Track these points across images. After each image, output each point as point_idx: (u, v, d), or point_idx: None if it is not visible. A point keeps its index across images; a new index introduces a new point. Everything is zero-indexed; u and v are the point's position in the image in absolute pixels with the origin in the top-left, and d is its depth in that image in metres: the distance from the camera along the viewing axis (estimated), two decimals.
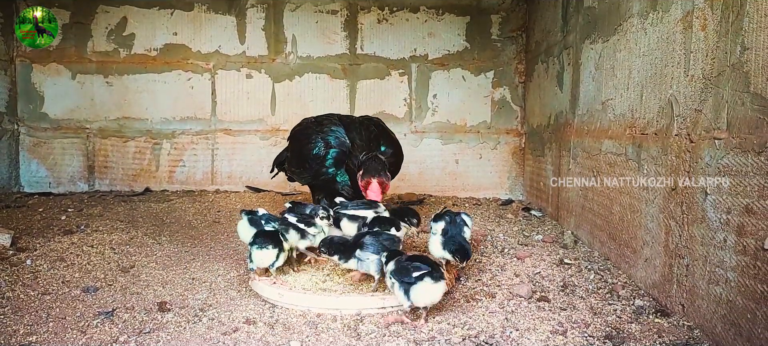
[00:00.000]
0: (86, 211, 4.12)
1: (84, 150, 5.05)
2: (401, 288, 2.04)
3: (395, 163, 3.36)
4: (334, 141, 3.23)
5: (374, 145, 3.25)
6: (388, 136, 3.41)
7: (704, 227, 1.94)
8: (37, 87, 4.98)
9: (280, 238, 2.37)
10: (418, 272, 2.01)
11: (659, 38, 2.32)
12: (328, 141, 3.24)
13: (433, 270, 2.04)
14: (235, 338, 1.96)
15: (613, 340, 1.94)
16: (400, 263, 2.10)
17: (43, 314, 2.16)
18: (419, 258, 2.12)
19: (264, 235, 2.36)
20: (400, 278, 2.05)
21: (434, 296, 2.06)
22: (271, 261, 2.32)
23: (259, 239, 2.33)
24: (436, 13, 5.03)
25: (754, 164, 1.69)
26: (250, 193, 5.00)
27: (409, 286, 2.02)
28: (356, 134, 3.25)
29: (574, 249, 3.15)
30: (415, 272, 2.02)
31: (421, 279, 2.01)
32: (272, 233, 2.40)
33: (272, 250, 2.31)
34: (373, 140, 3.27)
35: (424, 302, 2.05)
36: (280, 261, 2.36)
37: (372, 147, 3.21)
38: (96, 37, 4.98)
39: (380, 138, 3.33)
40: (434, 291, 2.04)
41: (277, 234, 2.39)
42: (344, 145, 3.20)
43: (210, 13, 5.01)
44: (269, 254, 2.31)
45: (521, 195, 5.05)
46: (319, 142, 3.25)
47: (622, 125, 2.73)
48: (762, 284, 1.64)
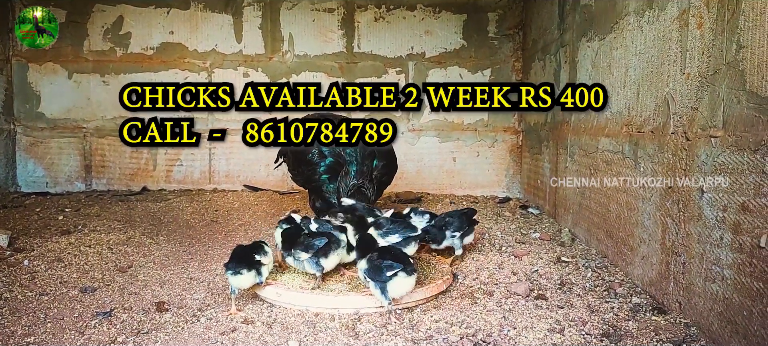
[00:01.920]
0: (83, 211, 4.11)
1: (81, 149, 5.04)
2: (377, 287, 2.11)
3: (387, 175, 3.41)
4: (328, 150, 3.24)
5: (368, 160, 3.29)
6: (381, 150, 3.43)
7: (701, 224, 1.95)
8: (33, 86, 4.97)
9: (254, 259, 2.24)
10: (391, 270, 2.09)
11: (655, 36, 2.33)
12: (321, 151, 3.25)
13: (406, 265, 2.12)
14: (234, 337, 1.96)
15: (611, 337, 1.95)
16: (372, 262, 2.15)
17: (41, 314, 2.16)
18: (390, 252, 2.21)
19: (238, 259, 2.24)
20: (374, 277, 2.12)
21: (409, 289, 2.17)
22: (250, 283, 2.24)
23: (231, 264, 2.21)
24: (432, 11, 5.03)
25: (750, 162, 1.69)
26: (248, 192, 5.00)
27: (384, 285, 2.10)
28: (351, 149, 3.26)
29: (571, 247, 3.16)
30: (389, 270, 2.09)
31: (396, 276, 2.09)
32: (246, 254, 2.27)
33: (248, 273, 2.20)
34: (367, 157, 3.30)
35: (401, 295, 2.16)
36: (263, 276, 2.27)
37: (365, 162, 3.23)
38: (92, 36, 4.97)
39: (374, 153, 3.35)
40: (408, 284, 2.14)
41: (251, 256, 2.26)
42: (340, 156, 3.22)
43: (206, 12, 5.01)
44: (245, 279, 2.21)
45: (519, 193, 5.06)
46: (315, 148, 3.26)
47: (619, 123, 2.73)
48: (758, 281, 1.64)
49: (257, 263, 2.25)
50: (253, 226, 3.80)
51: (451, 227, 2.76)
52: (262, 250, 2.33)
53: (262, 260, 2.28)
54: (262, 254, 2.31)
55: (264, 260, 2.30)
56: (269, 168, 4.96)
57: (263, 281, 2.27)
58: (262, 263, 2.28)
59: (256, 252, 2.29)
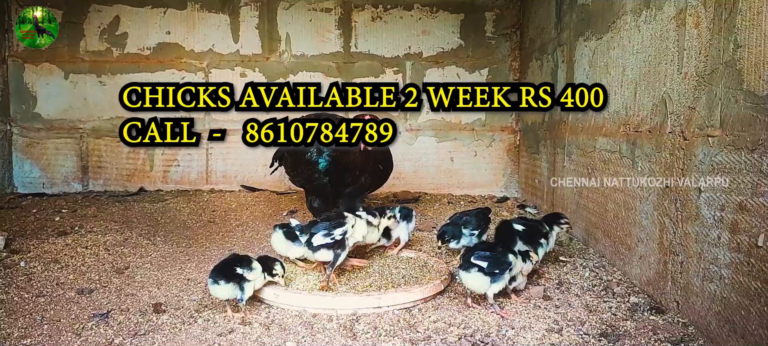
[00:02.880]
0: (80, 211, 4.10)
1: (77, 150, 5.03)
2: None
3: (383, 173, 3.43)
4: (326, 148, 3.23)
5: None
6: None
7: (698, 224, 1.95)
8: (29, 87, 4.95)
9: (235, 272, 2.15)
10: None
11: (653, 36, 2.33)
12: (319, 148, 3.24)
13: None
14: (231, 339, 1.96)
15: (609, 337, 1.95)
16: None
17: (38, 316, 2.15)
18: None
19: (219, 269, 2.17)
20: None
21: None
22: (227, 295, 2.15)
23: (212, 273, 2.15)
24: (430, 11, 5.02)
25: (748, 162, 1.69)
26: (246, 192, 4.99)
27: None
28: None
29: (569, 246, 3.16)
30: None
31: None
32: (226, 267, 2.19)
33: (226, 285, 2.12)
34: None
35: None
36: (245, 293, 2.16)
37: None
38: (89, 36, 4.95)
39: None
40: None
41: (231, 268, 2.17)
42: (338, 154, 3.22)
43: (203, 12, 4.99)
44: (222, 290, 2.13)
45: (516, 192, 5.06)
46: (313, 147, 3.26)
47: (617, 123, 2.73)
48: (756, 280, 1.64)
49: (239, 277, 2.14)
50: (251, 226, 3.79)
51: (469, 226, 2.75)
52: (248, 265, 2.19)
53: (244, 275, 2.16)
54: (247, 268, 2.18)
55: (248, 276, 2.17)
56: (267, 168, 4.96)
57: (244, 298, 2.15)
58: (245, 277, 2.16)
59: (240, 265, 2.18)
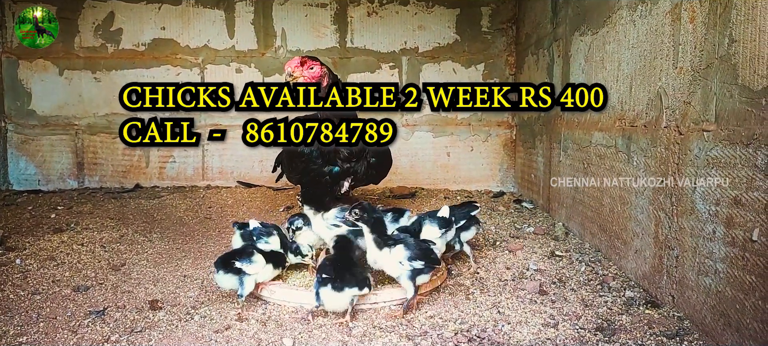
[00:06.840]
0: (76, 208, 4.09)
1: (73, 147, 5.01)
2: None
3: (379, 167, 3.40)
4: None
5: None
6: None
7: (694, 218, 1.95)
8: (24, 83, 4.92)
9: (233, 264, 2.15)
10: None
11: (648, 30, 2.33)
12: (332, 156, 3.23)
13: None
14: (228, 335, 1.96)
15: (605, 331, 1.96)
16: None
17: (34, 314, 2.15)
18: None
19: (222, 259, 2.19)
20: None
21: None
22: (228, 286, 2.18)
23: (217, 261, 2.18)
24: (425, 6, 5.01)
25: (743, 156, 1.70)
26: (242, 188, 4.98)
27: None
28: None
29: (565, 241, 3.17)
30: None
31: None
32: (230, 257, 2.20)
33: (225, 275, 2.14)
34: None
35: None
36: (245, 287, 2.16)
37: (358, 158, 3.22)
38: (83, 32, 4.93)
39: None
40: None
41: (231, 259, 2.17)
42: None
43: (198, 7, 4.97)
44: (221, 279, 2.16)
45: (513, 187, 5.06)
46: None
47: (612, 117, 2.74)
48: (751, 275, 1.65)
49: (238, 270, 2.14)
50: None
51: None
52: (248, 257, 2.18)
53: (243, 268, 2.15)
54: (247, 261, 2.17)
55: (248, 269, 2.15)
56: (263, 164, 4.96)
57: (244, 293, 2.14)
58: (244, 271, 2.15)
59: (238, 257, 2.17)
